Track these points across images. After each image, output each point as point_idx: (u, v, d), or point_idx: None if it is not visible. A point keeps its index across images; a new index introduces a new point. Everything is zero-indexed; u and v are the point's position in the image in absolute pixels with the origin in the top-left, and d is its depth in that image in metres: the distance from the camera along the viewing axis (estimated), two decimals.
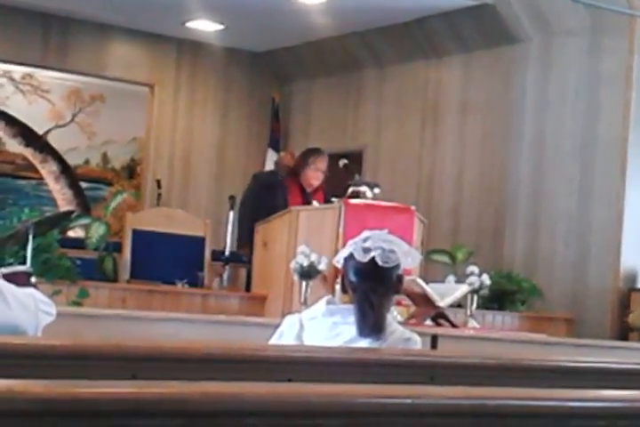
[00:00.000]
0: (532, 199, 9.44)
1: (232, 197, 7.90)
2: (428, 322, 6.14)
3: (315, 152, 7.68)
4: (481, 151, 10.04)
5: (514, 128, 9.69)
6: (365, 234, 3.37)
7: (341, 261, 3.41)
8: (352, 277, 3.33)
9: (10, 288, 2.88)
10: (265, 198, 7.57)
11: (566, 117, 9.30)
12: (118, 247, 7.58)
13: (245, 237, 7.55)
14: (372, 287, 3.28)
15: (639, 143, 8.85)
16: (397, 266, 3.33)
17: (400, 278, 3.38)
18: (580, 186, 9.09)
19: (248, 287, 7.58)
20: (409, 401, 1.79)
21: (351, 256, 3.33)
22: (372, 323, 3.24)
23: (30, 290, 3.01)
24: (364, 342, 3.23)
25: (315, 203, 7.21)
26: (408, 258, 3.39)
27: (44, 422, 1.49)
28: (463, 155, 10.21)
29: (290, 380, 2.49)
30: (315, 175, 7.56)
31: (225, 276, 7.51)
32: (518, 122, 9.65)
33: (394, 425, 1.77)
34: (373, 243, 3.31)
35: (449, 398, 1.85)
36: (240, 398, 1.64)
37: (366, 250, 3.29)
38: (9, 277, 3.09)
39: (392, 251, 3.30)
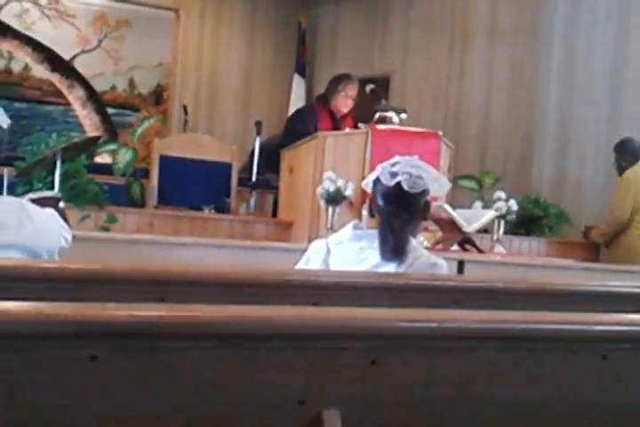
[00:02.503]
0: (560, 124, 9.36)
1: (258, 123, 7.86)
2: (455, 247, 6.15)
3: (345, 78, 7.58)
4: (509, 76, 9.93)
5: (543, 52, 9.56)
6: (395, 159, 3.37)
7: (370, 184, 3.41)
8: (379, 201, 3.34)
9: (37, 211, 2.90)
10: (295, 124, 7.54)
11: (596, 41, 9.17)
12: (145, 173, 7.60)
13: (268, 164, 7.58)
14: (394, 212, 3.29)
15: None
16: (424, 192, 3.33)
17: (427, 204, 3.37)
18: (609, 110, 9.00)
19: (275, 213, 7.60)
20: (434, 325, 1.80)
21: (379, 180, 3.33)
22: (391, 246, 3.25)
23: (53, 212, 3.02)
24: (390, 267, 3.24)
25: (346, 129, 7.17)
26: (436, 184, 3.39)
27: (74, 344, 1.51)
28: (491, 79, 10.11)
29: (315, 304, 2.51)
30: (344, 102, 7.49)
31: (252, 202, 7.53)
32: (547, 46, 9.52)
33: (419, 349, 1.79)
34: (401, 168, 3.30)
35: (474, 322, 1.86)
36: (266, 322, 1.65)
37: (393, 174, 3.29)
38: (38, 203, 3.11)
39: (419, 177, 3.29)
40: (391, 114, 6.81)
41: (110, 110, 11.22)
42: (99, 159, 7.93)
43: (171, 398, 1.58)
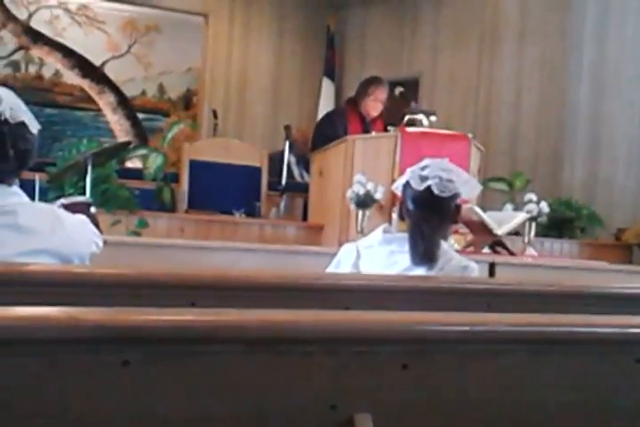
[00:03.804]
0: (591, 125, 9.31)
1: (287, 127, 7.87)
2: (486, 250, 6.13)
3: (375, 82, 7.57)
4: (539, 77, 9.89)
5: (573, 52, 9.52)
6: (425, 162, 3.34)
7: (400, 188, 3.39)
8: (409, 205, 3.32)
9: (69, 218, 2.91)
10: (324, 127, 7.55)
11: (627, 41, 9.12)
12: (176, 178, 7.62)
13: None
14: (424, 216, 3.26)
15: None
16: (455, 195, 3.30)
17: (457, 208, 3.35)
18: None
19: (305, 217, 7.60)
20: (466, 328, 1.80)
21: (409, 184, 3.31)
22: (422, 251, 3.23)
23: (84, 218, 3.03)
24: (421, 271, 3.23)
25: (374, 132, 7.16)
26: (467, 187, 3.36)
27: (106, 349, 1.51)
28: (521, 81, 10.07)
29: (347, 308, 2.51)
30: (374, 105, 7.48)
31: (282, 205, 7.53)
32: (577, 46, 9.48)
33: (450, 352, 1.78)
34: (431, 171, 3.28)
35: (506, 325, 1.85)
36: (297, 326, 1.65)
37: (423, 178, 3.27)
38: (69, 208, 3.12)
39: (450, 180, 3.27)
40: (421, 116, 6.80)
41: (140, 115, 11.28)
42: (129, 164, 7.97)
43: (201, 402, 1.59)
